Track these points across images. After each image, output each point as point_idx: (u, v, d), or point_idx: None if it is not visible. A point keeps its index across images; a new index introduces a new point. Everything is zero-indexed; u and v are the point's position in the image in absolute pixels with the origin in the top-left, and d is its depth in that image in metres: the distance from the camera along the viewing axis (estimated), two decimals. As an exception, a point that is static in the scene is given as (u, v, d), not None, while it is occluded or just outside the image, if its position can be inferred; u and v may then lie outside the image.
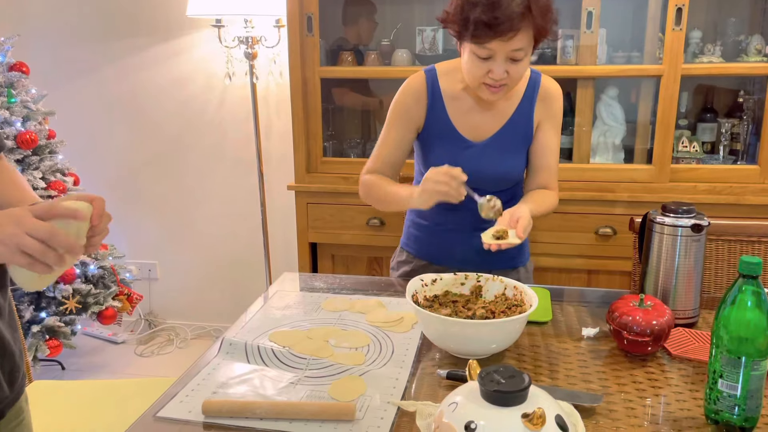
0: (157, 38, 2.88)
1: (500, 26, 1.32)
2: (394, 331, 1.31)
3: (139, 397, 1.66)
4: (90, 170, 3.03)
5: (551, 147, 1.57)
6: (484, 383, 0.81)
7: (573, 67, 2.21)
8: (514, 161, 1.57)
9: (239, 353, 1.20)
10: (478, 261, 1.61)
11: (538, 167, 1.57)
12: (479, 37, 1.35)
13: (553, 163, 1.58)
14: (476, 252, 1.61)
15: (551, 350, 1.23)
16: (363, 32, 2.58)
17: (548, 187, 1.59)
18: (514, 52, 1.37)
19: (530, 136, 1.57)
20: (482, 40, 1.35)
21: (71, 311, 2.56)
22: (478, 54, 1.39)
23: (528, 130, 1.56)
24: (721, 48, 2.22)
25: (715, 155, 2.31)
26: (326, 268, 2.48)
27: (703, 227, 1.28)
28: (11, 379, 1.03)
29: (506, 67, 1.39)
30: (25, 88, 2.60)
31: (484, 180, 1.49)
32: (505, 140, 1.55)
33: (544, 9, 1.36)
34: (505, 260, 1.63)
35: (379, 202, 1.59)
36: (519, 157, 1.58)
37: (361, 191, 1.62)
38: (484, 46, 1.36)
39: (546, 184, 1.58)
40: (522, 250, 1.68)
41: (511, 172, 1.57)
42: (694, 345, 1.23)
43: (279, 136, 2.87)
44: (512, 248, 1.63)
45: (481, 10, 1.32)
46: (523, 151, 1.58)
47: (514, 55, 1.38)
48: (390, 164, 1.60)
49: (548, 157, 1.57)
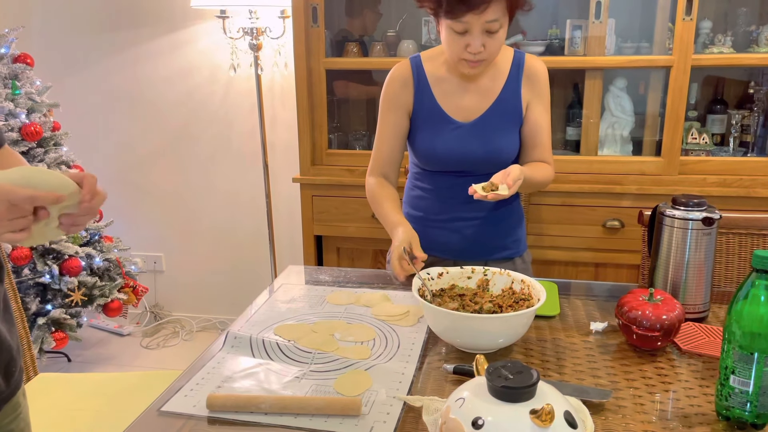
0: (162, 29, 2.86)
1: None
2: (400, 325, 1.30)
3: (144, 389, 1.66)
4: (94, 162, 3.02)
5: (542, 124, 1.58)
6: (491, 379, 0.79)
7: (581, 58, 2.19)
8: (505, 140, 1.56)
9: (244, 347, 1.19)
10: (474, 251, 1.60)
11: (531, 145, 1.58)
12: (453, 12, 1.38)
13: (546, 140, 1.59)
14: (471, 242, 1.60)
15: (559, 345, 1.21)
16: (368, 23, 2.55)
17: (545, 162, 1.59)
18: (489, 23, 1.39)
19: (519, 114, 1.57)
20: (456, 15, 1.38)
21: (77, 303, 2.56)
22: (454, 29, 1.41)
23: (516, 108, 1.56)
24: (732, 38, 2.19)
25: (725, 147, 2.28)
26: (331, 260, 2.47)
27: (714, 220, 1.26)
28: (7, 374, 1.02)
29: (483, 40, 1.41)
30: (29, 80, 2.59)
31: (475, 161, 1.48)
32: (494, 119, 1.55)
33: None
34: (500, 250, 1.62)
35: (375, 211, 1.63)
36: (509, 136, 1.57)
37: (368, 194, 1.65)
38: (459, 20, 1.38)
39: (541, 159, 1.59)
40: (517, 242, 1.66)
41: (502, 151, 1.56)
42: (705, 340, 1.21)
43: (284, 128, 2.86)
44: (507, 239, 1.62)
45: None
46: (513, 131, 1.57)
47: (490, 27, 1.40)
48: (390, 160, 1.62)
49: (541, 134, 1.58)
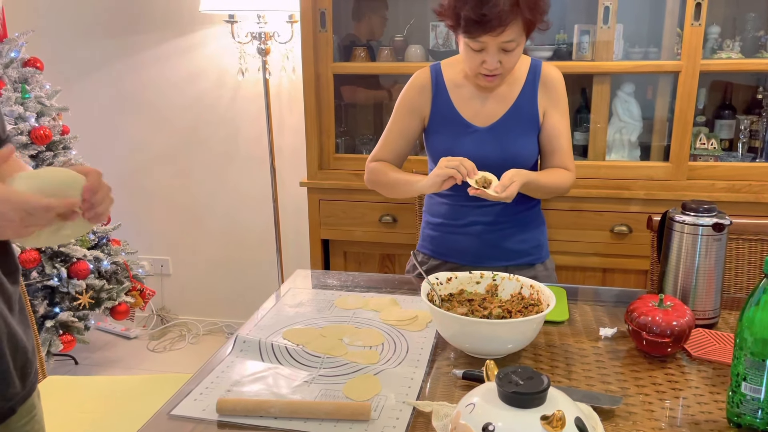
0: (170, 34, 2.88)
1: (489, 23, 1.37)
2: (409, 330, 1.30)
3: (151, 393, 1.66)
4: (102, 165, 3.03)
5: (561, 130, 1.59)
6: (502, 384, 0.79)
7: (589, 63, 2.19)
8: (521, 145, 1.57)
9: (253, 351, 1.19)
10: (494, 257, 1.61)
11: (550, 151, 1.60)
12: (470, 32, 1.41)
13: (565, 145, 1.60)
14: (492, 248, 1.61)
15: (568, 350, 1.21)
16: (376, 28, 2.56)
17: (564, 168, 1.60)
18: (505, 43, 1.42)
19: (536, 121, 1.58)
20: (473, 35, 1.41)
21: (85, 306, 2.57)
22: (471, 46, 1.45)
23: (533, 114, 1.58)
24: (740, 44, 2.18)
25: (733, 153, 2.27)
26: (338, 264, 2.47)
27: (724, 226, 1.26)
28: (23, 375, 1.02)
29: (499, 57, 1.45)
30: (39, 83, 2.61)
31: (491, 165, 1.49)
32: (511, 124, 1.57)
33: (532, 2, 1.40)
34: (521, 256, 1.62)
35: (384, 186, 1.64)
36: (527, 140, 1.58)
37: (366, 177, 1.67)
38: (476, 39, 1.42)
39: (561, 165, 1.60)
40: (539, 247, 1.66)
41: (519, 155, 1.57)
42: (715, 346, 1.21)
43: (291, 132, 2.87)
44: (528, 244, 1.63)
45: (470, 6, 1.38)
46: (530, 136, 1.58)
47: (506, 47, 1.43)
48: (395, 152, 1.65)
49: (560, 139, 1.59)
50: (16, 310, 1.02)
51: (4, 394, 0.98)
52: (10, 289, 1.02)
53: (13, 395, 1.00)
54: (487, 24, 1.37)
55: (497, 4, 1.35)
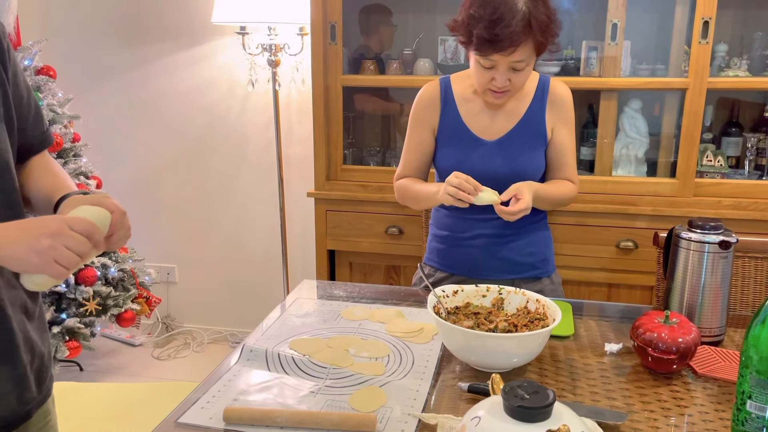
0: (182, 44, 2.91)
1: (501, 42, 1.39)
2: (415, 342, 1.30)
3: (157, 401, 1.67)
4: (112, 173, 3.06)
5: (567, 145, 1.62)
6: (507, 398, 0.80)
7: (596, 79, 2.20)
8: (529, 159, 1.59)
9: (260, 360, 1.20)
10: (501, 270, 1.61)
11: (557, 166, 1.63)
12: (481, 50, 1.44)
13: (570, 160, 1.63)
14: (498, 261, 1.62)
15: (574, 365, 1.21)
16: (385, 41, 2.58)
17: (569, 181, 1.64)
18: (515, 63, 1.45)
19: (543, 136, 1.60)
20: (484, 53, 1.44)
21: (91, 313, 2.58)
22: (481, 63, 1.48)
23: (540, 130, 1.60)
24: (748, 62, 2.19)
25: (740, 170, 2.27)
26: (344, 275, 2.48)
27: (730, 244, 1.26)
28: (39, 380, 1.04)
29: (508, 75, 1.47)
30: (51, 91, 2.64)
31: (499, 179, 1.51)
32: (519, 139, 1.59)
33: (544, 25, 1.42)
34: (527, 270, 1.63)
35: (412, 201, 1.67)
36: (534, 155, 1.59)
37: (396, 195, 1.71)
38: (487, 57, 1.44)
39: (567, 179, 1.63)
40: (545, 261, 1.67)
41: (526, 169, 1.58)
42: (721, 364, 1.21)
43: (299, 143, 2.89)
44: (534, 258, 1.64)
45: (483, 26, 1.40)
46: (537, 150, 1.60)
47: (516, 66, 1.46)
48: (415, 167, 1.68)
49: (566, 155, 1.62)
50: (35, 316, 1.04)
51: (22, 398, 0.99)
52: (31, 296, 1.04)
53: (29, 399, 1.01)
54: (499, 44, 1.39)
55: (510, 24, 1.37)
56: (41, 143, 1.10)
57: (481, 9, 1.40)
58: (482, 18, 1.39)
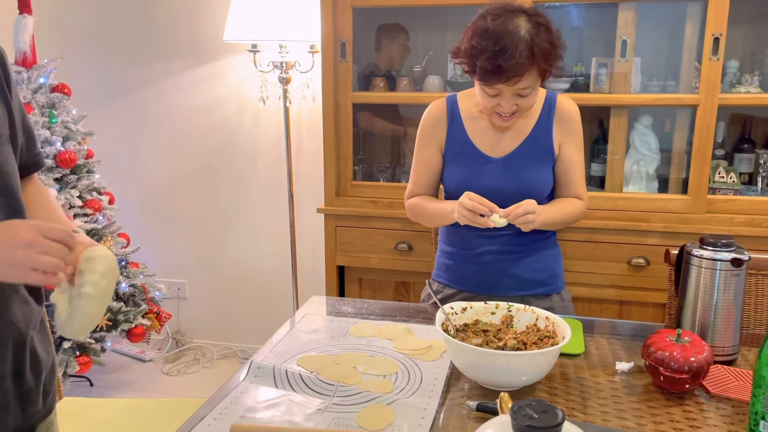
0: (194, 62, 2.95)
1: (505, 74, 1.39)
2: (423, 360, 1.30)
3: (166, 417, 1.67)
4: (124, 189, 3.09)
5: (575, 162, 1.61)
6: (516, 417, 0.79)
7: (606, 95, 2.20)
8: (536, 176, 1.58)
9: (267, 377, 1.19)
10: (510, 286, 1.60)
11: (565, 183, 1.62)
12: (485, 80, 1.43)
13: (579, 177, 1.62)
14: (507, 277, 1.61)
15: (584, 384, 1.20)
16: (395, 58, 2.60)
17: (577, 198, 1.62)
18: (520, 90, 1.44)
19: (551, 152, 1.59)
20: (488, 83, 1.43)
21: (102, 328, 2.59)
22: (486, 91, 1.46)
23: (548, 146, 1.59)
24: (759, 78, 2.18)
25: (753, 186, 2.26)
26: (353, 291, 2.47)
27: (743, 261, 1.25)
28: (44, 393, 1.04)
29: (514, 101, 1.47)
30: (66, 108, 2.68)
31: (506, 195, 1.50)
32: (526, 156, 1.58)
33: (548, 52, 1.41)
34: (537, 286, 1.62)
35: (426, 219, 1.67)
36: (541, 171, 1.59)
37: (408, 214, 1.70)
38: (492, 87, 1.44)
39: (575, 196, 1.62)
40: (555, 278, 1.66)
41: (534, 186, 1.58)
42: (734, 384, 1.19)
43: (309, 159, 2.90)
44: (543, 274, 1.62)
45: (486, 57, 1.39)
46: (545, 167, 1.59)
47: (521, 92, 1.45)
48: (425, 185, 1.68)
49: (574, 171, 1.61)
50: (39, 328, 1.05)
51: (27, 412, 1.00)
52: (35, 308, 1.04)
53: (34, 413, 1.02)
54: (503, 75, 1.39)
55: (513, 56, 1.36)
56: (34, 165, 1.12)
57: (483, 40, 1.39)
58: (484, 49, 1.38)
